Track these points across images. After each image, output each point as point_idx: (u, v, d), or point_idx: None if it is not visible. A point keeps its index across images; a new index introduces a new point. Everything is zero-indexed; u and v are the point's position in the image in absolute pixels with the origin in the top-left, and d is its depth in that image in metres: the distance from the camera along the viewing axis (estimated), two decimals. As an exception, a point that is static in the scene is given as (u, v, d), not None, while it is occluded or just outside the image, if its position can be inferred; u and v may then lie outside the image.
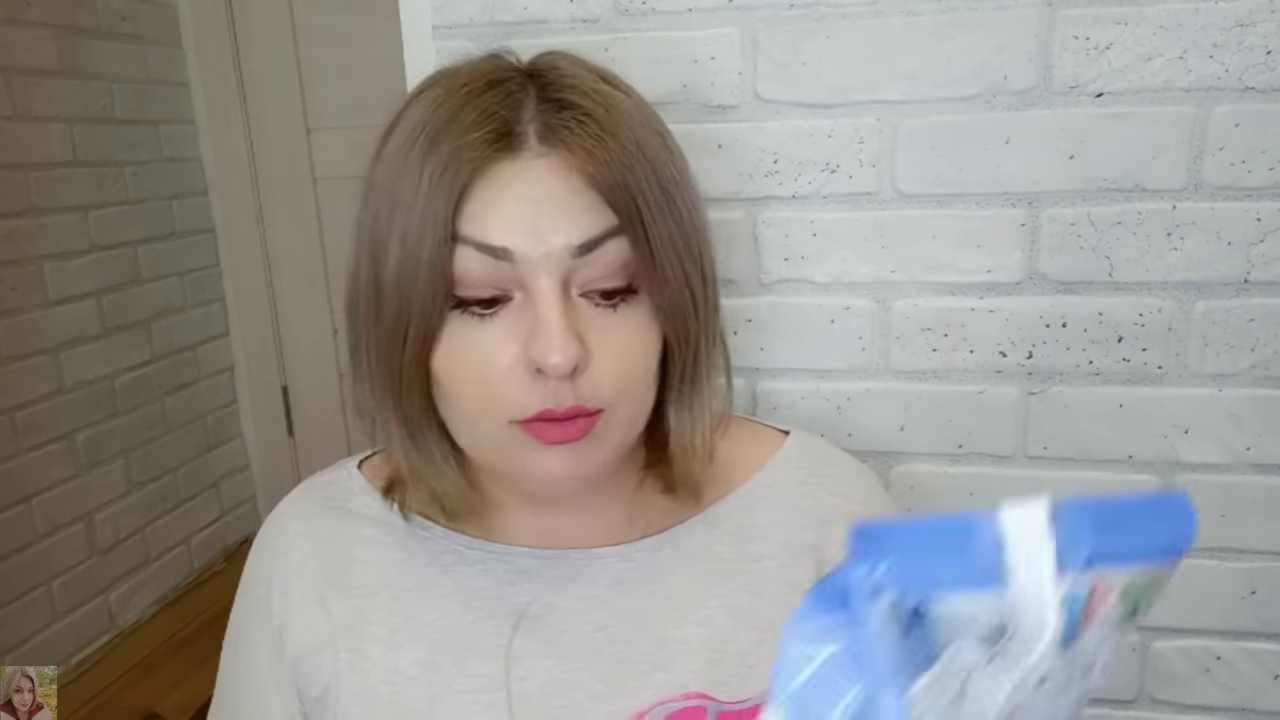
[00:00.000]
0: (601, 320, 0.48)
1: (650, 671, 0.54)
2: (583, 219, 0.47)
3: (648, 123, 0.50)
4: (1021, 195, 0.77)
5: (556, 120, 0.47)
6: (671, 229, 0.49)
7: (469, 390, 0.49)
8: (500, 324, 0.48)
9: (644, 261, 0.48)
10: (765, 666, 0.54)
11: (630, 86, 0.53)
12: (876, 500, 0.60)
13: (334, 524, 0.59)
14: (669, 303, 0.50)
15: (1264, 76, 0.72)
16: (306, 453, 2.51)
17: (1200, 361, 0.78)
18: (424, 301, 0.47)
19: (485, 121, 0.47)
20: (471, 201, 0.47)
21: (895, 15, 0.75)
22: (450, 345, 0.49)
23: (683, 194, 0.51)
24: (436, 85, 0.50)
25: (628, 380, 0.50)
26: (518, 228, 0.46)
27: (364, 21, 2.16)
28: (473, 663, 0.55)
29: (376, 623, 0.56)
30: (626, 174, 0.47)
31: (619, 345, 0.49)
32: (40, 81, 1.84)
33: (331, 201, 2.33)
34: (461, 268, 0.47)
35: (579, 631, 0.55)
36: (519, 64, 0.52)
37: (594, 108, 0.48)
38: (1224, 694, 0.85)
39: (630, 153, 0.47)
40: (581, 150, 0.46)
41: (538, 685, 0.54)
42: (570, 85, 0.49)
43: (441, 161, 0.46)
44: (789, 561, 0.57)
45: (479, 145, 0.46)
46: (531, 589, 0.56)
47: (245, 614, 0.60)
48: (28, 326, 1.82)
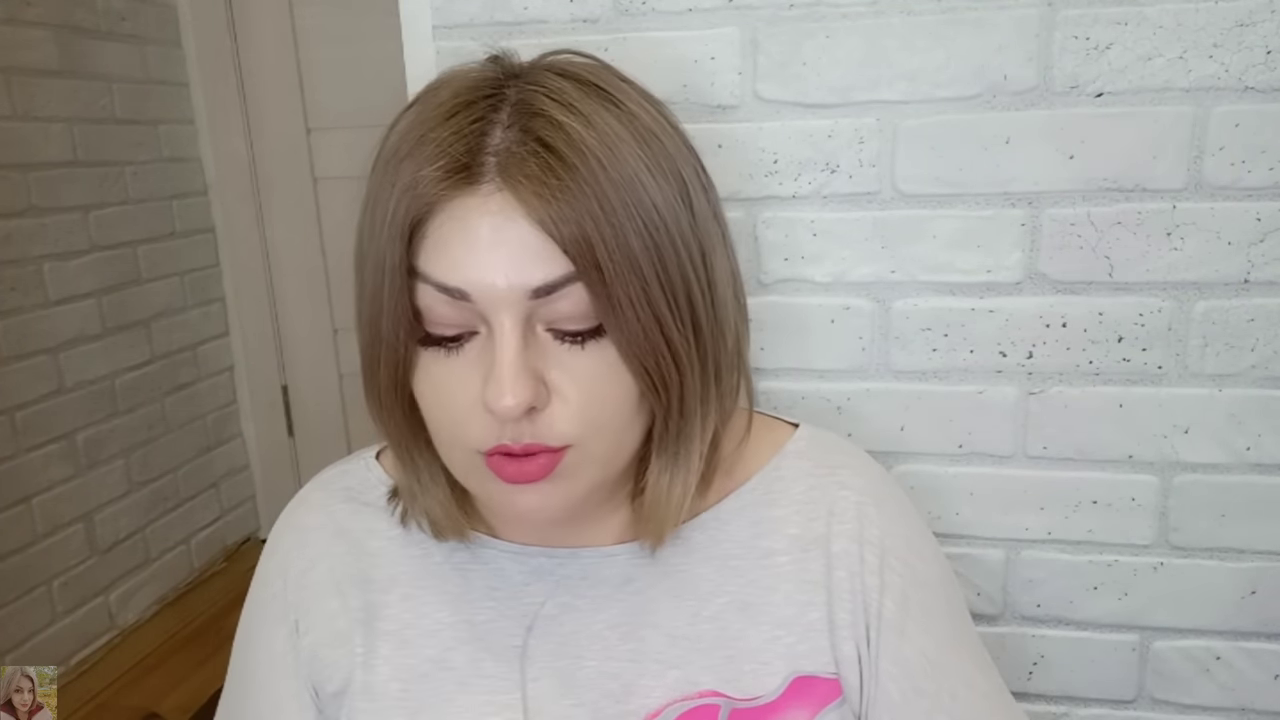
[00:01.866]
0: (567, 357, 0.47)
1: (663, 670, 0.54)
2: (538, 263, 0.45)
3: (639, 160, 0.46)
4: (1021, 195, 0.77)
5: (517, 153, 0.45)
6: (644, 273, 0.46)
7: (439, 419, 0.49)
8: (465, 357, 0.47)
9: (603, 309, 0.46)
10: (779, 663, 0.55)
11: (639, 99, 0.49)
12: (885, 491, 0.60)
13: (350, 517, 0.59)
14: (637, 351, 0.47)
15: (1264, 76, 0.72)
16: (306, 453, 2.51)
17: (1200, 361, 0.78)
18: (390, 335, 0.47)
19: (446, 150, 0.45)
20: (427, 238, 0.46)
21: (895, 15, 0.75)
22: (422, 375, 0.49)
23: (674, 240, 0.47)
24: (425, 96, 0.49)
25: (595, 418, 0.48)
26: (472, 268, 0.45)
27: (364, 21, 2.15)
28: (487, 663, 0.55)
29: (389, 619, 0.56)
30: (584, 218, 0.44)
31: (585, 384, 0.47)
32: (40, 81, 1.84)
33: (331, 201, 2.33)
34: (424, 304, 0.46)
35: (592, 631, 0.56)
36: (514, 69, 0.50)
37: (560, 138, 0.45)
38: (1224, 694, 0.85)
39: (592, 193, 0.44)
40: (533, 193, 0.44)
41: (552, 685, 0.54)
42: (545, 108, 0.46)
43: (400, 192, 0.45)
44: (800, 555, 0.57)
45: (435, 179, 0.45)
46: (544, 589, 0.56)
47: (259, 609, 0.60)
48: (28, 326, 1.82)
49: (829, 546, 0.56)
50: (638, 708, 0.54)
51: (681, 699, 0.54)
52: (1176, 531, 0.82)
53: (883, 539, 0.57)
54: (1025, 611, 0.86)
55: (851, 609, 0.55)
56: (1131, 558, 0.83)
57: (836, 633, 0.55)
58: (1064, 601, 0.85)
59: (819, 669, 0.55)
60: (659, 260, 0.47)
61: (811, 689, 0.54)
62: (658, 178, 0.47)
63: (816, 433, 0.62)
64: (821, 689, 0.55)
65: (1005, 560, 0.85)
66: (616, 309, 0.46)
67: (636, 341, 0.47)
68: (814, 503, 0.58)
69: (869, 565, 0.56)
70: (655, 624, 0.55)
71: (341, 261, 2.33)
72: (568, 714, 0.54)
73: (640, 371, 0.48)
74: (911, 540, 0.58)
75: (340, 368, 2.43)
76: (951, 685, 0.56)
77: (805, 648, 0.55)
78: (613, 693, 0.54)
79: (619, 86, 0.49)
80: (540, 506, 0.49)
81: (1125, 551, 0.83)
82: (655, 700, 0.54)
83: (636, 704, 0.54)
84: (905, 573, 0.57)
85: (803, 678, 0.54)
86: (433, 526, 0.56)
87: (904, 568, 0.57)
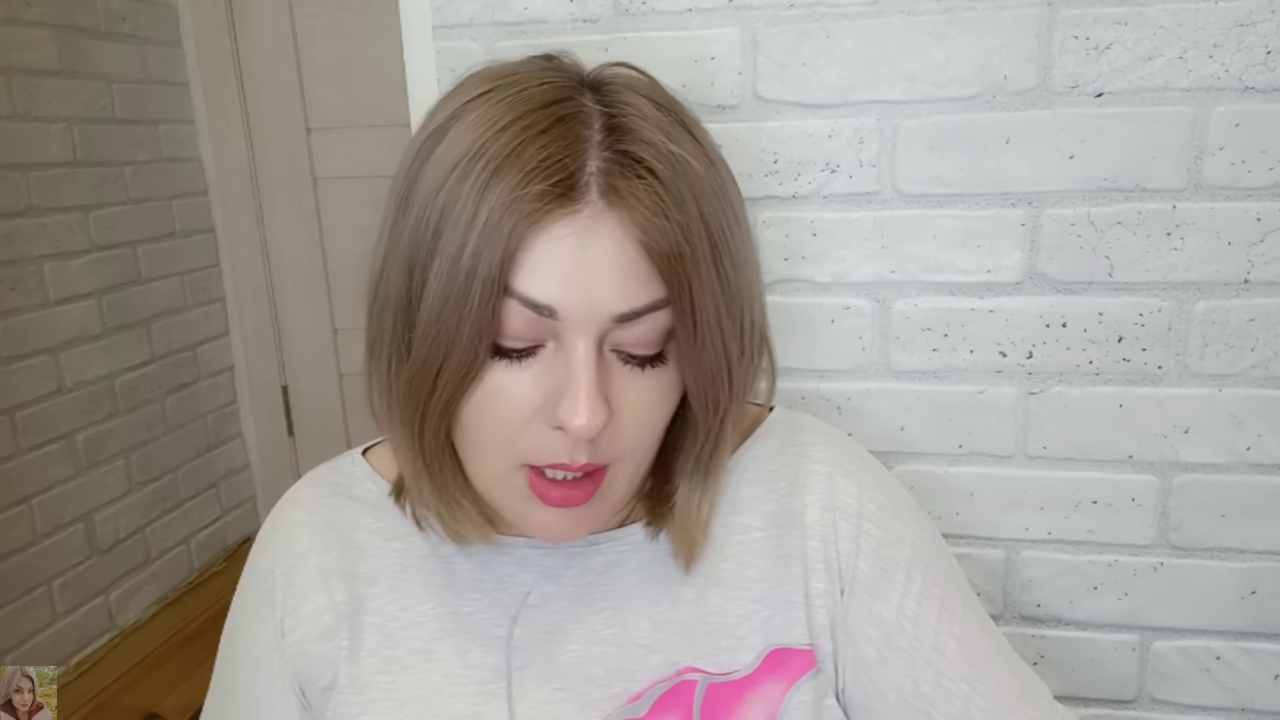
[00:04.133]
0: (629, 378, 0.48)
1: (646, 655, 0.55)
2: (632, 287, 0.46)
3: (715, 185, 0.48)
4: (1021, 195, 0.77)
5: (620, 176, 0.45)
6: (720, 304, 0.48)
7: (490, 432, 0.49)
8: (532, 370, 0.47)
9: (685, 335, 0.47)
10: (755, 637, 0.55)
11: (702, 130, 0.50)
12: (854, 460, 0.60)
13: (336, 510, 0.59)
14: (703, 377, 0.49)
15: (1264, 76, 0.72)
16: (306, 453, 2.51)
17: (1200, 361, 0.78)
18: (464, 350, 0.46)
19: (548, 169, 0.44)
20: (526, 256, 0.45)
21: (895, 15, 0.75)
22: (481, 388, 0.48)
23: (739, 265, 0.49)
24: (495, 95, 0.47)
25: (641, 438, 0.50)
26: (567, 287, 0.45)
27: (364, 21, 2.15)
28: (473, 653, 0.55)
29: (373, 611, 0.57)
30: (684, 245, 0.45)
31: (641, 405, 0.49)
32: (40, 81, 1.84)
33: (331, 201, 2.33)
34: (505, 319, 0.46)
35: (576, 617, 0.56)
36: (583, 77, 0.49)
37: (661, 166, 0.45)
38: (1224, 694, 0.85)
39: (691, 223, 0.46)
40: (642, 214, 0.45)
41: (537, 674, 0.55)
42: (636, 128, 0.46)
43: (499, 207, 0.44)
44: (774, 531, 0.57)
45: (539, 198, 0.44)
46: (529, 579, 0.57)
47: (246, 608, 0.60)
48: (28, 326, 1.82)
49: (803, 518, 0.57)
50: (620, 691, 0.54)
51: (660, 681, 0.54)
52: (1176, 531, 0.82)
53: (853, 504, 0.57)
54: (1025, 611, 0.86)
55: (827, 577, 0.56)
56: (1131, 558, 0.83)
57: (812, 602, 0.56)
58: (1064, 601, 0.85)
59: (794, 641, 0.55)
60: (735, 287, 0.49)
61: (787, 661, 0.55)
62: (724, 204, 0.48)
63: (789, 414, 0.63)
64: (797, 660, 0.55)
65: (1005, 560, 0.85)
66: (698, 335, 0.47)
67: (706, 368, 0.49)
68: (785, 479, 0.58)
69: (841, 531, 0.56)
70: (638, 609, 0.56)
71: (341, 261, 2.33)
72: (551, 698, 0.54)
73: (697, 398, 0.50)
74: (885, 505, 0.58)
75: (340, 368, 2.42)
76: (937, 640, 0.55)
77: (780, 620, 0.55)
78: (596, 677, 0.55)
79: (683, 110, 0.50)
80: (573, 530, 0.52)
81: (1125, 551, 0.83)
82: (638, 683, 0.54)
83: (620, 688, 0.54)
84: (878, 535, 0.57)
85: (778, 650, 0.55)
86: (454, 535, 0.55)
87: (877, 530, 0.57)
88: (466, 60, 0.81)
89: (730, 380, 0.50)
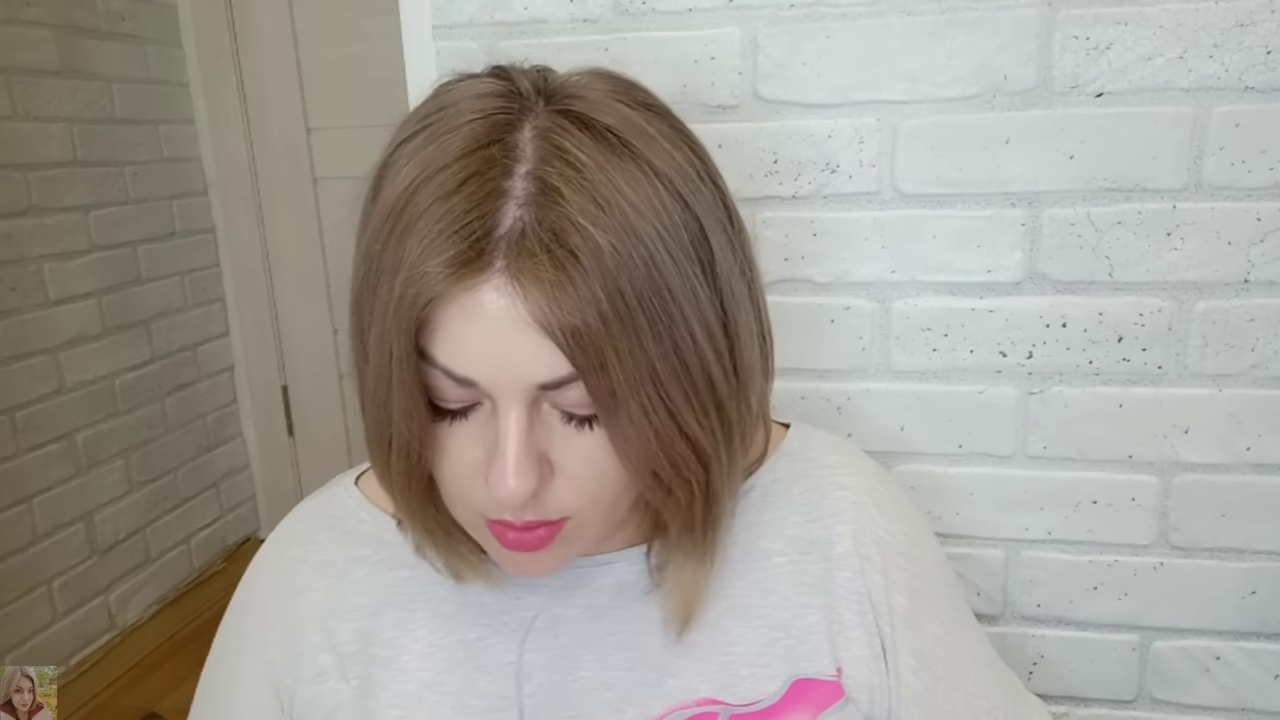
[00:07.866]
0: (571, 436, 0.46)
1: (660, 679, 0.54)
2: (543, 360, 0.42)
3: (654, 224, 0.43)
4: (1021, 195, 0.77)
5: (527, 246, 0.41)
6: (659, 372, 0.43)
7: (445, 479, 0.48)
8: (470, 425, 0.46)
9: (604, 411, 0.44)
10: (778, 665, 0.54)
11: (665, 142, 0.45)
12: (882, 488, 0.60)
13: (332, 545, 0.58)
14: (643, 450, 0.45)
15: (1264, 76, 0.72)
16: (306, 453, 2.51)
17: (1200, 361, 0.78)
18: (404, 412, 0.45)
19: (454, 234, 0.41)
20: (439, 327, 0.43)
21: (895, 15, 0.75)
22: (433, 441, 0.47)
23: (688, 314, 0.44)
24: (424, 136, 0.44)
25: (597, 494, 0.47)
26: (483, 359, 0.43)
27: (364, 21, 2.15)
28: (482, 681, 0.54)
29: (383, 644, 0.55)
30: (592, 320, 0.41)
31: (589, 463, 0.46)
32: (40, 81, 1.84)
33: (331, 201, 2.33)
34: (432, 384, 0.45)
35: (586, 641, 0.55)
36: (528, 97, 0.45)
37: (572, 227, 0.41)
38: (1224, 694, 0.85)
39: (603, 292, 0.41)
40: (539, 293, 0.41)
41: (548, 700, 0.54)
42: (557, 184, 0.42)
43: (411, 277, 0.42)
44: (798, 557, 0.56)
45: (446, 264, 0.41)
46: (537, 601, 0.56)
47: (234, 641, 0.59)
48: (28, 326, 1.82)
49: (830, 549, 0.56)
50: (635, 716, 0.53)
51: (679, 707, 0.53)
52: (1176, 531, 0.82)
53: (885, 536, 0.57)
54: (1025, 611, 0.86)
55: (859, 610, 0.55)
56: (1131, 558, 0.83)
57: (843, 634, 0.55)
58: (1064, 601, 0.85)
59: (819, 672, 0.55)
60: (676, 354, 0.44)
61: (812, 692, 0.54)
62: (675, 253, 0.44)
63: (809, 432, 0.62)
64: (822, 691, 0.54)
65: (1005, 560, 0.85)
66: (623, 412, 0.43)
67: (645, 443, 0.45)
68: (812, 504, 0.58)
69: (873, 563, 0.56)
70: (650, 631, 0.55)
71: (341, 261, 2.32)
72: None
73: (644, 472, 0.46)
74: (911, 533, 0.59)
75: (340, 368, 2.42)
76: (962, 664, 0.58)
77: (804, 650, 0.55)
78: (610, 703, 0.53)
79: (643, 133, 0.45)
80: (538, 570, 0.50)
81: (1125, 551, 0.83)
82: (653, 709, 0.53)
83: (634, 713, 0.53)
84: (909, 566, 0.57)
85: (803, 680, 0.54)
86: (455, 575, 0.55)
87: (908, 561, 0.57)
88: (466, 60, 0.80)
89: (697, 451, 0.46)
